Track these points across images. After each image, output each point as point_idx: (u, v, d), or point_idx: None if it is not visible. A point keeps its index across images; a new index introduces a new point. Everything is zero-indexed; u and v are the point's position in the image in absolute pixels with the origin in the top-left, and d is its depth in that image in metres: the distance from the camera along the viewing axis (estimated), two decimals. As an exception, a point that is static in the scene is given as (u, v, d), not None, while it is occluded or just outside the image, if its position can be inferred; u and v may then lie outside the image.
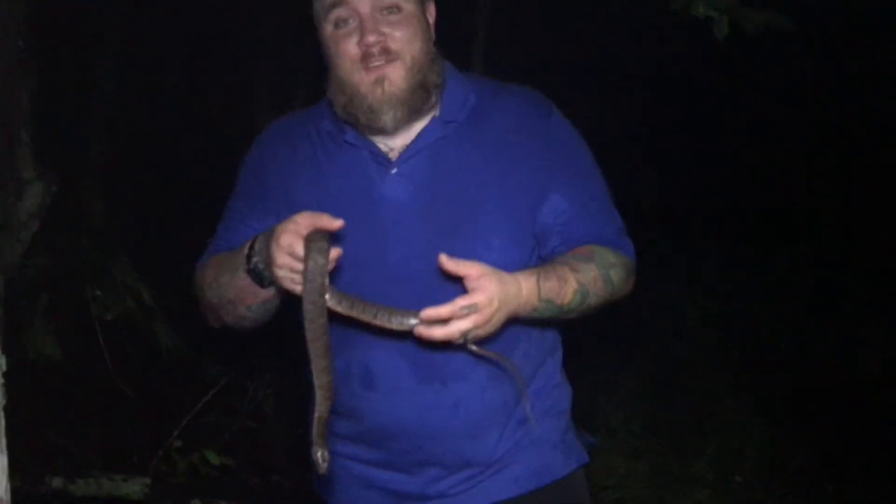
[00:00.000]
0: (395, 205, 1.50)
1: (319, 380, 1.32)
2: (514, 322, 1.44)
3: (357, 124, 1.50)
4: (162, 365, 3.17)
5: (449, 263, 1.32)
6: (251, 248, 1.41)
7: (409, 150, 1.51)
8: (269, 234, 1.36)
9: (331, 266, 1.30)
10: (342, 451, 1.61)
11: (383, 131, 1.49)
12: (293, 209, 1.45)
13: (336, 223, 1.30)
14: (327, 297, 1.30)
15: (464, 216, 1.49)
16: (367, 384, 1.54)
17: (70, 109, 5.78)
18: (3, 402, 0.98)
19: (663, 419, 4.05)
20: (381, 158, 1.51)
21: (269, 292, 1.45)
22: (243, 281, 1.44)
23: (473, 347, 1.39)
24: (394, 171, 1.51)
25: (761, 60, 6.00)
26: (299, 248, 1.29)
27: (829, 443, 3.92)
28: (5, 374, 0.98)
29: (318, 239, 1.28)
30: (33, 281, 2.92)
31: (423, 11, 1.52)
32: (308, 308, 1.29)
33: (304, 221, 1.31)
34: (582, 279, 1.46)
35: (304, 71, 6.36)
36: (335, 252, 1.30)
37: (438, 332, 1.30)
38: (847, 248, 6.47)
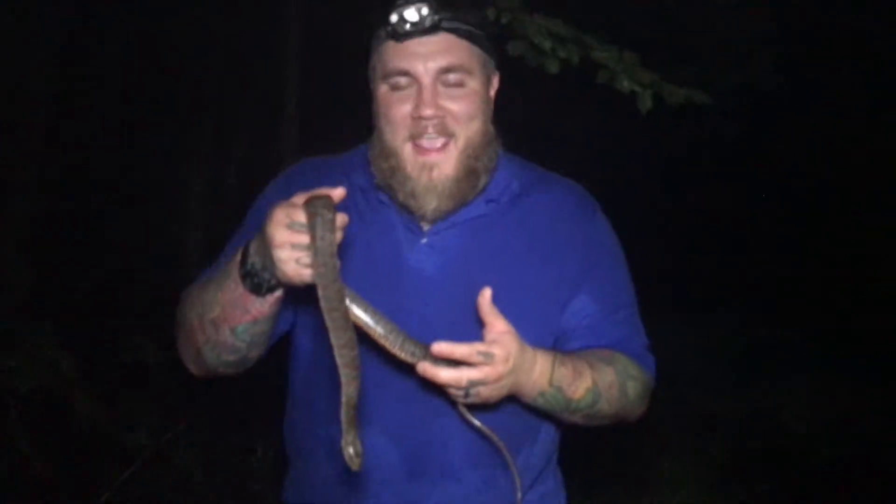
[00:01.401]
0: (421, 276, 1.39)
1: (342, 356, 1.13)
2: (521, 420, 1.35)
3: (394, 198, 1.39)
4: (80, 437, 3.01)
5: (486, 305, 1.21)
6: (245, 251, 1.24)
7: (444, 223, 1.40)
8: (263, 224, 1.19)
9: (339, 235, 1.13)
10: None
11: (422, 217, 1.39)
12: None
13: (336, 191, 1.15)
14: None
15: (492, 300, 1.36)
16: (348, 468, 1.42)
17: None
18: None
19: (598, 483, 4.05)
20: (413, 226, 1.41)
21: (262, 306, 1.26)
22: (232, 293, 1.25)
23: (466, 413, 1.30)
24: (424, 240, 1.41)
25: (683, 131, 6.26)
26: (299, 215, 1.13)
27: (761, 498, 4.00)
28: None
29: (320, 198, 1.13)
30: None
31: (488, 87, 1.41)
32: (321, 272, 1.11)
33: (299, 197, 1.16)
34: (598, 379, 1.34)
35: (243, 127, 6.34)
36: (341, 218, 1.14)
37: (445, 374, 1.18)
38: (773, 309, 6.73)
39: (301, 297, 1.27)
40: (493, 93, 1.44)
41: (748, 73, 5.15)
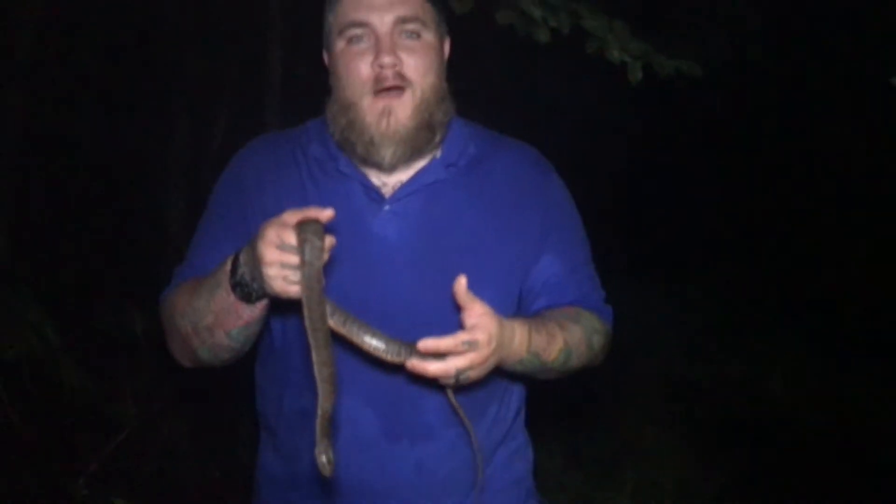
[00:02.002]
0: (385, 243, 1.42)
1: (321, 373, 1.20)
2: (491, 379, 1.38)
3: (352, 154, 1.43)
4: (67, 407, 3.01)
5: (462, 290, 1.24)
6: (234, 261, 1.29)
7: (405, 189, 1.44)
8: (253, 239, 1.24)
9: (325, 257, 1.19)
10: (284, 499, 1.53)
11: (379, 166, 1.42)
12: None
13: (325, 213, 1.20)
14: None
15: (456, 264, 1.39)
16: (305, 425, 1.45)
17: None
18: None
19: (584, 453, 4.10)
20: (374, 193, 1.44)
21: (253, 311, 1.31)
22: (224, 301, 1.30)
23: (452, 398, 1.35)
24: (386, 207, 1.44)
25: (678, 102, 6.25)
26: (289, 237, 1.18)
27: (744, 466, 4.06)
28: None
29: (311, 223, 1.19)
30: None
31: (441, 44, 1.46)
32: (307, 295, 1.18)
33: (291, 217, 1.20)
34: (568, 339, 1.42)
35: (227, 97, 6.27)
36: (329, 240, 1.19)
37: (433, 368, 1.23)
38: (751, 274, 6.79)
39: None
40: (446, 54, 1.48)
41: (737, 44, 5.14)
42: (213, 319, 1.33)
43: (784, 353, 5.43)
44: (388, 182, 1.46)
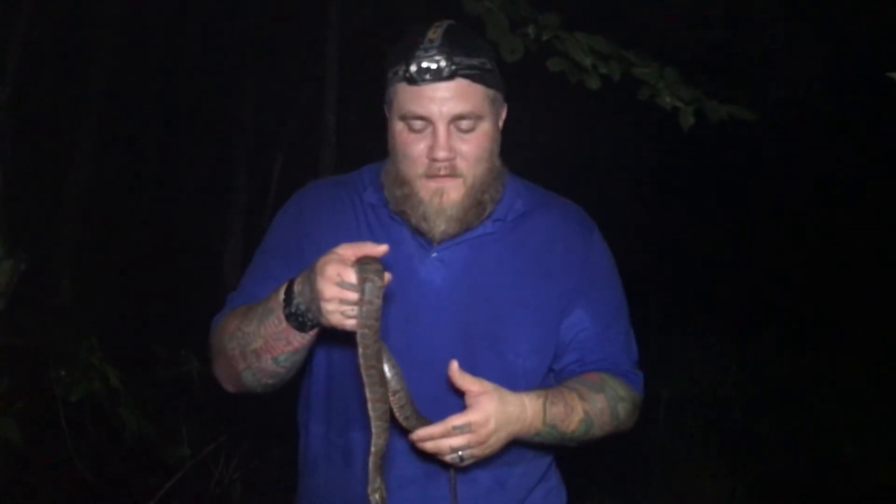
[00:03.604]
0: (431, 287, 1.48)
1: (376, 410, 1.23)
2: (515, 444, 1.40)
3: (407, 223, 1.48)
4: (126, 449, 3.07)
5: (455, 374, 1.30)
6: (289, 290, 1.32)
7: (454, 240, 1.48)
8: (309, 271, 1.28)
9: (384, 289, 1.23)
10: None
11: (431, 240, 1.47)
12: None
13: (380, 248, 1.24)
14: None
15: (497, 315, 1.47)
16: (349, 462, 1.49)
17: (44, 187, 5.77)
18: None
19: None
20: (424, 241, 1.49)
21: (303, 339, 1.34)
22: (275, 328, 1.33)
23: (452, 476, 1.38)
24: (434, 254, 1.49)
25: (732, 148, 6.18)
26: (349, 276, 1.22)
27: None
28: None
29: (370, 262, 1.22)
30: (-5, 361, 2.85)
31: (497, 123, 1.49)
32: (363, 333, 1.21)
33: (347, 251, 1.24)
34: (589, 409, 1.43)
35: (282, 144, 6.43)
36: (387, 277, 1.23)
37: (429, 446, 1.29)
38: (819, 332, 6.57)
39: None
40: (501, 123, 1.51)
41: (795, 89, 5.09)
42: (263, 344, 1.36)
43: (851, 409, 5.21)
44: (437, 231, 1.49)
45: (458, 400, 1.39)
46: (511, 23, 2.51)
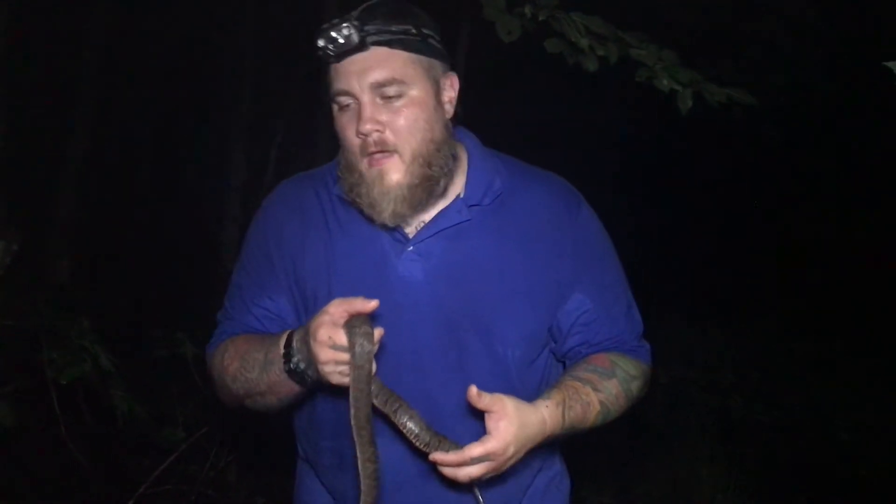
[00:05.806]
0: (410, 284, 1.42)
1: (365, 468, 1.24)
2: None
3: (360, 210, 1.42)
4: (120, 431, 3.07)
5: (474, 397, 1.25)
6: (287, 346, 1.33)
7: (426, 230, 1.43)
8: (304, 332, 1.29)
9: (375, 348, 1.24)
10: None
11: (384, 224, 1.40)
12: (302, 286, 1.41)
13: (370, 304, 1.23)
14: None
15: (483, 306, 1.41)
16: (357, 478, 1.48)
17: (41, 167, 5.75)
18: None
19: (635, 489, 3.99)
20: (398, 234, 1.43)
21: (304, 387, 1.36)
22: (277, 377, 1.35)
23: (477, 493, 1.37)
24: (409, 248, 1.43)
25: (729, 131, 6.14)
26: (341, 338, 1.23)
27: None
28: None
29: (359, 324, 1.22)
30: (-13, 342, 2.84)
31: (436, 90, 1.40)
32: (356, 395, 1.23)
33: (338, 310, 1.23)
34: (604, 399, 1.42)
35: (281, 121, 6.39)
36: (378, 333, 1.24)
37: (447, 472, 1.27)
38: (818, 318, 6.57)
39: None
40: (448, 95, 1.42)
41: (795, 73, 5.04)
42: (266, 389, 1.39)
43: (847, 395, 5.22)
44: (412, 222, 1.44)
45: (448, 400, 1.37)
46: (508, 4, 2.47)
